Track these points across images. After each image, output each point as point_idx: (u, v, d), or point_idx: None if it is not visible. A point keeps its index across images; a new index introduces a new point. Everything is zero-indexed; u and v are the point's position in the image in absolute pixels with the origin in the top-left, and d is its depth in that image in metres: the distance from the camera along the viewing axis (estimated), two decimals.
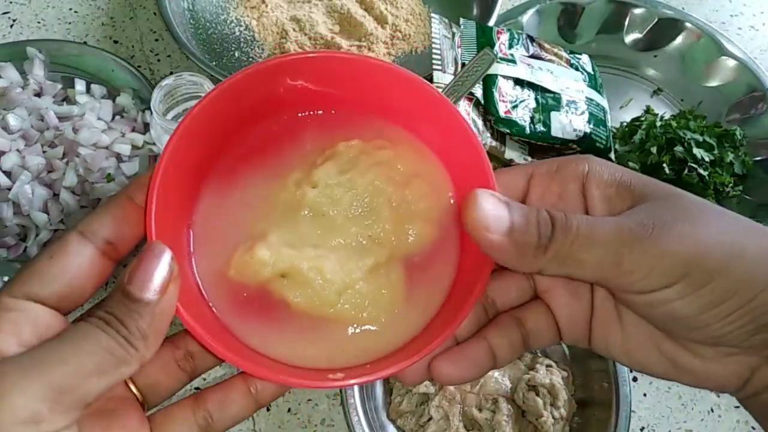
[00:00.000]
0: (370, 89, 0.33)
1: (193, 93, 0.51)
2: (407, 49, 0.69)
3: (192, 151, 0.30)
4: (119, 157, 0.60)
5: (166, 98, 0.50)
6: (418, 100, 0.32)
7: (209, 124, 0.31)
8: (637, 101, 0.69)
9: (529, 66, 0.60)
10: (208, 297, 0.30)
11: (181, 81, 0.50)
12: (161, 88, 0.49)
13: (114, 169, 0.59)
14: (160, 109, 0.49)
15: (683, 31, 0.69)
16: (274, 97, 0.32)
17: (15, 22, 0.72)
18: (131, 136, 0.61)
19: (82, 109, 0.61)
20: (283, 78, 0.32)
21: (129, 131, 0.61)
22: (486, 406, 0.48)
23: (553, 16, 0.70)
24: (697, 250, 0.26)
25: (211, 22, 0.70)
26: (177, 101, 0.51)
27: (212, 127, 0.31)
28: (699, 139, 0.58)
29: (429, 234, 0.32)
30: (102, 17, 0.73)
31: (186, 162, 0.30)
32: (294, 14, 0.69)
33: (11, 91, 0.60)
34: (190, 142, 0.30)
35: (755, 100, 0.65)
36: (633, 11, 0.70)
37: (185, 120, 0.29)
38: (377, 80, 0.32)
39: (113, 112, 0.62)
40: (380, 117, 0.34)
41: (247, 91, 0.31)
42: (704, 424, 0.53)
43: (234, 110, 0.31)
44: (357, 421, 0.47)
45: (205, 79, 0.50)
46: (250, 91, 0.31)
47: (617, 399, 0.48)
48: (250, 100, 0.32)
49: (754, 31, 0.76)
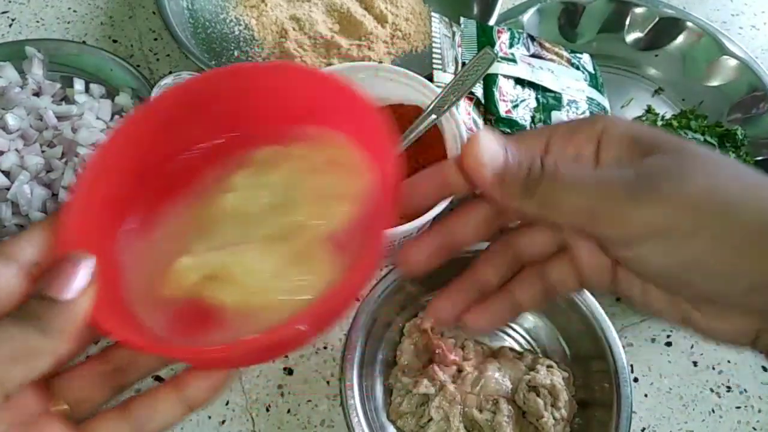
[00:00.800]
0: (276, 97, 0.33)
1: None
2: (407, 48, 0.69)
3: (111, 176, 0.31)
4: None
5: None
6: (323, 93, 0.33)
7: (127, 150, 0.31)
8: (638, 101, 0.69)
9: (530, 65, 0.60)
10: (143, 320, 0.30)
11: (180, 80, 0.49)
12: (160, 88, 0.49)
13: None
14: None
15: (684, 31, 0.69)
16: (186, 126, 0.33)
17: (14, 21, 0.72)
18: None
19: (80, 109, 0.60)
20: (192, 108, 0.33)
21: None
22: (486, 407, 0.48)
23: (554, 15, 0.70)
24: (676, 208, 0.26)
25: (211, 21, 0.70)
26: None
27: (130, 153, 0.32)
28: (700, 139, 0.58)
29: (348, 212, 0.32)
30: (101, 16, 0.72)
31: (104, 188, 0.30)
32: (293, 13, 0.69)
33: (10, 90, 0.60)
34: (106, 168, 0.30)
35: (756, 100, 0.65)
36: (634, 10, 0.70)
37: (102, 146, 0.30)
38: (283, 87, 0.33)
39: (112, 111, 0.62)
40: (295, 121, 0.34)
41: (161, 120, 0.32)
42: (705, 424, 0.53)
43: (150, 138, 0.32)
44: (357, 422, 0.47)
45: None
46: (164, 120, 0.32)
47: (618, 400, 0.48)
48: (166, 129, 0.32)
49: (756, 31, 0.76)
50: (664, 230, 0.26)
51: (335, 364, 0.53)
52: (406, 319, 0.54)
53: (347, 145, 0.34)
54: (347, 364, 0.49)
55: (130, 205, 0.32)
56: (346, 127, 0.34)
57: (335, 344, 0.54)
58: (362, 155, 0.34)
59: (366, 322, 0.50)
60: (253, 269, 0.30)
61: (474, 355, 0.51)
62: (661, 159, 0.27)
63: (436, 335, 0.51)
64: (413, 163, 0.54)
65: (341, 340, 0.55)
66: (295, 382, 0.52)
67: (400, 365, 0.51)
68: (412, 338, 0.52)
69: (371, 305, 0.51)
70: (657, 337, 0.56)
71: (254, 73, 0.34)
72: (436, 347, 0.50)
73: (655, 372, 0.55)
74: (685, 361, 0.56)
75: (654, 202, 0.26)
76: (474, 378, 0.49)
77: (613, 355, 0.49)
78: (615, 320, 0.51)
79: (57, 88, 0.63)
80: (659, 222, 0.26)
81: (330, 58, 0.67)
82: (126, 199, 0.32)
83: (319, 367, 0.54)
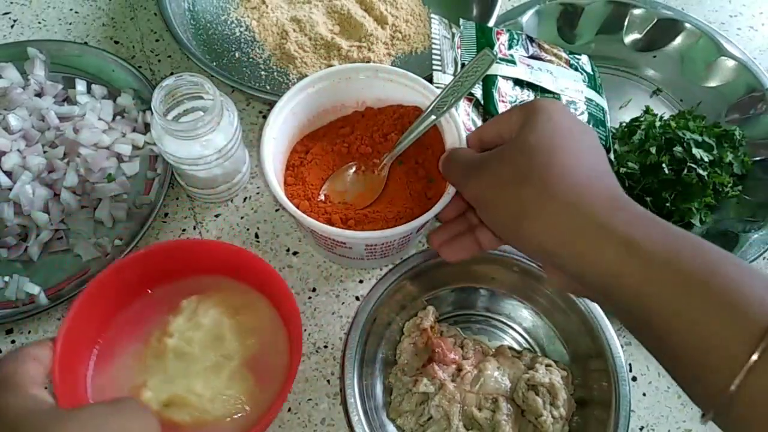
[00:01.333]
0: (198, 260, 0.49)
1: (194, 93, 0.51)
2: (407, 49, 0.70)
3: (82, 328, 0.44)
4: (120, 157, 0.60)
5: (167, 99, 0.50)
6: (235, 259, 0.48)
7: (92, 308, 0.45)
8: (637, 101, 0.69)
9: (529, 66, 0.61)
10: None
11: (182, 81, 0.50)
12: (162, 89, 0.49)
13: (115, 169, 0.59)
14: (160, 109, 0.49)
15: (682, 32, 0.69)
16: (130, 285, 0.48)
17: (16, 22, 0.72)
18: (132, 136, 0.61)
19: (82, 110, 0.61)
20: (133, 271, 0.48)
21: (130, 131, 0.61)
22: (486, 406, 0.48)
23: (553, 16, 0.70)
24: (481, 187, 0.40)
25: (212, 22, 0.70)
26: (177, 102, 0.51)
27: (94, 310, 0.45)
28: (698, 140, 0.58)
29: (261, 341, 0.47)
30: (102, 18, 0.73)
31: (81, 324, 0.44)
32: (294, 15, 0.70)
33: (12, 91, 0.60)
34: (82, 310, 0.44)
35: (754, 101, 0.65)
36: (632, 12, 0.70)
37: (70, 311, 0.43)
38: (202, 253, 0.49)
39: (114, 112, 0.62)
40: (210, 274, 0.49)
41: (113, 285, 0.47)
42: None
43: (106, 297, 0.46)
44: (357, 420, 0.47)
45: (206, 80, 0.50)
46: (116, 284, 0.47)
47: (616, 398, 0.48)
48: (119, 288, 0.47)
49: (754, 32, 0.76)
50: (475, 199, 0.41)
51: (335, 363, 0.54)
52: (406, 319, 0.54)
53: (253, 292, 0.49)
54: (347, 363, 0.49)
55: (96, 338, 0.46)
56: (253, 280, 0.48)
57: (335, 343, 0.55)
58: (265, 299, 0.48)
59: (366, 322, 0.50)
60: (200, 394, 0.43)
61: (473, 353, 0.51)
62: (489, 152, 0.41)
63: (435, 334, 0.51)
64: (412, 164, 0.54)
65: (341, 339, 0.55)
66: (296, 381, 0.53)
67: (400, 364, 0.52)
68: (411, 337, 0.52)
69: (371, 305, 0.51)
70: None
71: (185, 244, 0.51)
72: (436, 346, 0.50)
73: (654, 371, 0.55)
74: None
75: (473, 181, 0.40)
76: (473, 377, 0.49)
77: (611, 354, 0.50)
78: (613, 319, 0.51)
79: (59, 89, 0.63)
80: (474, 194, 0.41)
81: (330, 59, 0.67)
82: (94, 334, 0.46)
83: (319, 366, 0.54)
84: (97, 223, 0.57)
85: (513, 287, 0.55)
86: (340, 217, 0.50)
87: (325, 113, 0.55)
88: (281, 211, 0.61)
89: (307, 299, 0.57)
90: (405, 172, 0.54)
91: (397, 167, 0.54)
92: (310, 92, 0.52)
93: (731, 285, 0.30)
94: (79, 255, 0.56)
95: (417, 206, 0.51)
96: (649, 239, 0.32)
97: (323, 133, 0.56)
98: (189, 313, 0.47)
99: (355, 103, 0.56)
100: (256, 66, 0.68)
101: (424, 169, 0.53)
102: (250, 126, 0.66)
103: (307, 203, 0.51)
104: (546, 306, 0.54)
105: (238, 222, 0.60)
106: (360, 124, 0.55)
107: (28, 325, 0.55)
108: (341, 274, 0.58)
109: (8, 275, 0.55)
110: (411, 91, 0.53)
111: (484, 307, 0.56)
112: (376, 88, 0.54)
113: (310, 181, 0.53)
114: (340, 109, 0.56)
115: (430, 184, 0.53)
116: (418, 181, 0.53)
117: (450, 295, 0.56)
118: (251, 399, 0.44)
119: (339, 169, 0.54)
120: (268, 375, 0.45)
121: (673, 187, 0.57)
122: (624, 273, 0.33)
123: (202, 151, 0.51)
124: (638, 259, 0.32)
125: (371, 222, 0.50)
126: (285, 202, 0.46)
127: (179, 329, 0.46)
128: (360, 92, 0.55)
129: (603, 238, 0.33)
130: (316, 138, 0.55)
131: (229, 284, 0.49)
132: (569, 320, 0.53)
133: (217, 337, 0.46)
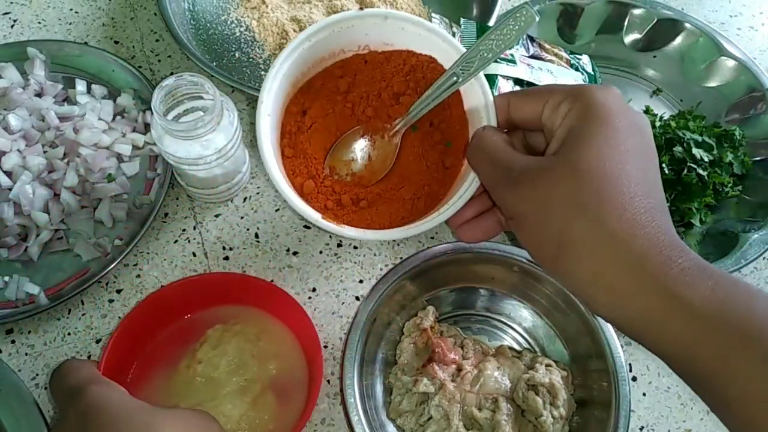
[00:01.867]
0: (227, 292, 0.53)
1: (194, 93, 0.51)
2: None
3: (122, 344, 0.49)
4: (120, 157, 0.60)
5: (167, 98, 0.50)
6: (255, 289, 0.52)
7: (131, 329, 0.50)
8: (637, 101, 0.69)
9: (529, 66, 0.61)
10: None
11: (182, 81, 0.50)
12: (162, 89, 0.49)
13: (115, 169, 0.59)
14: (160, 109, 0.49)
15: (682, 32, 0.69)
16: (170, 310, 0.52)
17: (15, 22, 0.72)
18: (132, 136, 0.61)
19: (83, 110, 0.61)
20: (173, 301, 0.52)
21: (130, 131, 0.61)
22: (486, 406, 0.48)
23: (553, 16, 0.70)
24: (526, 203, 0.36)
25: (212, 22, 0.70)
26: (178, 101, 0.51)
27: (132, 332, 0.50)
28: (698, 139, 0.58)
29: (282, 365, 0.50)
30: (102, 18, 0.73)
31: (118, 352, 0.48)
32: (294, 15, 0.70)
33: (12, 91, 0.60)
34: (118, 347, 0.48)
35: (754, 101, 0.65)
36: (632, 12, 0.70)
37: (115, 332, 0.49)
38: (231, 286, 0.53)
39: (114, 112, 0.62)
40: (234, 304, 0.53)
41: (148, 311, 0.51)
42: (703, 423, 0.53)
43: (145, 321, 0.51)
44: (357, 420, 0.47)
45: (206, 80, 0.50)
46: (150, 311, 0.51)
47: (616, 398, 0.48)
48: (159, 314, 0.52)
49: (754, 32, 0.76)
50: (510, 212, 0.37)
51: (335, 363, 0.54)
52: (406, 319, 0.54)
53: (273, 320, 0.52)
54: (347, 362, 0.49)
55: (130, 364, 0.51)
56: (272, 307, 0.52)
57: (335, 343, 0.55)
58: (284, 326, 0.52)
59: (366, 322, 0.50)
60: (228, 414, 0.46)
61: (473, 353, 0.51)
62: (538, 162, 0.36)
63: (435, 334, 0.51)
64: (427, 127, 0.47)
65: (341, 339, 0.55)
66: None
67: (400, 364, 0.52)
68: (411, 337, 0.52)
69: (371, 305, 0.51)
70: None
71: (207, 278, 0.55)
72: (436, 346, 0.50)
73: (654, 371, 0.55)
74: None
75: (510, 192, 0.36)
76: (473, 377, 0.49)
77: (611, 354, 0.50)
78: None
79: (59, 89, 0.63)
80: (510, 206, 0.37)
81: None
82: (128, 361, 0.50)
83: None
84: (97, 223, 0.57)
85: (513, 287, 0.55)
86: (351, 198, 0.45)
87: (322, 60, 0.46)
88: (281, 211, 0.61)
89: (307, 299, 0.57)
90: (419, 139, 0.46)
91: (410, 134, 0.46)
92: (305, 47, 0.44)
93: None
94: (80, 255, 0.56)
95: (435, 181, 0.45)
96: (701, 295, 0.31)
97: (320, 84, 0.46)
98: (214, 340, 0.50)
99: (357, 47, 0.46)
100: (256, 66, 0.68)
101: (441, 132, 0.46)
102: (250, 126, 0.66)
103: (312, 183, 0.45)
104: (546, 306, 0.54)
105: (238, 222, 0.60)
106: (363, 74, 0.47)
107: (28, 325, 0.54)
108: (341, 274, 0.58)
109: (8, 275, 0.55)
110: (426, 42, 0.45)
111: (484, 307, 0.56)
112: (384, 34, 0.45)
113: (312, 153, 0.46)
114: (338, 54, 0.46)
115: (448, 150, 0.46)
116: (433, 147, 0.46)
117: (450, 295, 0.56)
118: (275, 418, 0.47)
119: (343, 135, 0.47)
120: (289, 395, 0.49)
121: (673, 187, 0.57)
122: (670, 327, 0.31)
123: (202, 152, 0.51)
124: (685, 315, 0.31)
125: (386, 202, 0.45)
126: (299, 206, 0.41)
127: (206, 356, 0.49)
128: (363, 38, 0.45)
129: (650, 288, 0.31)
130: (311, 91, 0.46)
131: (250, 313, 0.53)
132: (569, 320, 0.53)
133: (241, 363, 0.49)
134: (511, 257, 0.53)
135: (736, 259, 0.56)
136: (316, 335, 0.49)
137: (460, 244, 0.54)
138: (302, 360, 0.50)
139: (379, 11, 0.44)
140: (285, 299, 0.51)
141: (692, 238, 0.59)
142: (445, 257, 0.53)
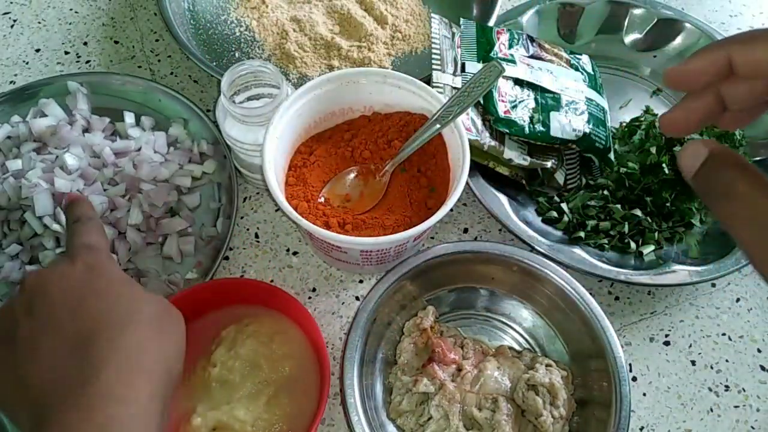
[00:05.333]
0: (241, 295, 0.53)
1: (262, 82, 0.52)
2: (407, 49, 0.69)
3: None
4: (179, 189, 0.58)
5: (236, 83, 0.51)
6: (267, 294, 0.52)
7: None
8: (637, 101, 0.69)
9: (529, 66, 0.61)
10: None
11: (252, 68, 0.51)
12: (232, 73, 0.50)
13: (176, 203, 0.57)
14: (228, 92, 0.50)
15: (683, 32, 0.69)
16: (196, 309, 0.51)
17: (15, 22, 0.72)
18: (189, 167, 0.59)
19: (137, 143, 0.58)
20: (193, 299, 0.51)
21: (186, 162, 0.59)
22: (486, 406, 0.48)
23: (553, 16, 0.70)
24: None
25: (212, 22, 0.70)
26: (246, 86, 0.52)
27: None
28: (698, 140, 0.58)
29: (292, 366, 0.50)
30: (102, 17, 0.73)
31: None
32: (294, 14, 0.70)
33: (62, 129, 0.57)
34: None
35: None
36: (632, 12, 0.70)
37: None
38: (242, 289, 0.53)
39: (167, 143, 0.60)
40: (247, 304, 0.53)
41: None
42: (703, 423, 0.53)
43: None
44: (357, 420, 0.47)
45: (274, 68, 0.51)
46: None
47: (617, 398, 0.48)
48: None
49: None
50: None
51: (335, 363, 0.53)
52: (406, 319, 0.54)
53: (285, 320, 0.52)
54: (347, 362, 0.49)
55: None
56: (284, 308, 0.52)
57: (335, 343, 0.55)
58: (295, 326, 0.52)
59: (366, 322, 0.50)
60: (243, 419, 0.47)
61: (473, 353, 0.51)
62: None
63: (435, 334, 0.51)
64: (415, 171, 0.54)
65: (341, 339, 0.55)
66: None
67: (400, 364, 0.52)
68: (411, 337, 0.52)
69: (371, 305, 0.51)
70: (655, 336, 0.57)
71: (225, 282, 0.54)
72: (436, 346, 0.50)
73: (654, 371, 0.55)
74: (684, 360, 0.56)
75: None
76: (473, 377, 0.49)
77: (611, 354, 0.50)
78: (613, 319, 0.51)
79: (106, 123, 0.60)
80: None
81: (330, 59, 0.67)
82: None
83: None
84: (165, 259, 0.56)
85: (513, 287, 0.55)
86: (338, 221, 0.50)
87: (333, 116, 0.55)
88: (281, 212, 0.61)
89: (307, 299, 0.57)
90: (407, 180, 0.54)
91: (399, 174, 0.54)
92: (317, 94, 0.52)
93: None
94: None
95: (416, 215, 0.51)
96: None
97: (329, 135, 0.55)
98: (228, 342, 0.50)
99: (363, 107, 0.55)
100: None
101: (427, 178, 0.53)
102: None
103: (305, 205, 0.50)
104: (546, 306, 0.54)
105: (238, 222, 0.60)
106: (366, 128, 0.55)
107: None
108: (341, 274, 0.58)
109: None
110: (418, 98, 0.53)
111: (484, 307, 0.56)
112: (385, 94, 0.54)
113: (312, 182, 0.52)
114: (347, 113, 0.55)
115: (432, 194, 0.52)
116: (419, 190, 0.53)
117: (450, 295, 0.56)
118: (288, 420, 0.48)
119: (341, 172, 0.54)
120: (301, 396, 0.49)
121: (673, 187, 0.57)
122: None
123: (260, 139, 0.50)
124: None
125: (369, 228, 0.50)
126: (283, 203, 0.46)
127: (221, 359, 0.49)
128: (369, 97, 0.54)
129: None
130: (321, 140, 0.55)
131: (262, 312, 0.52)
132: (569, 320, 0.53)
133: (254, 365, 0.49)
134: (511, 257, 0.53)
135: (736, 259, 0.56)
136: (320, 336, 0.49)
137: (461, 244, 0.54)
138: (312, 360, 0.50)
139: (379, 71, 0.53)
140: (290, 302, 0.51)
141: (692, 238, 0.59)
142: (445, 257, 0.53)
